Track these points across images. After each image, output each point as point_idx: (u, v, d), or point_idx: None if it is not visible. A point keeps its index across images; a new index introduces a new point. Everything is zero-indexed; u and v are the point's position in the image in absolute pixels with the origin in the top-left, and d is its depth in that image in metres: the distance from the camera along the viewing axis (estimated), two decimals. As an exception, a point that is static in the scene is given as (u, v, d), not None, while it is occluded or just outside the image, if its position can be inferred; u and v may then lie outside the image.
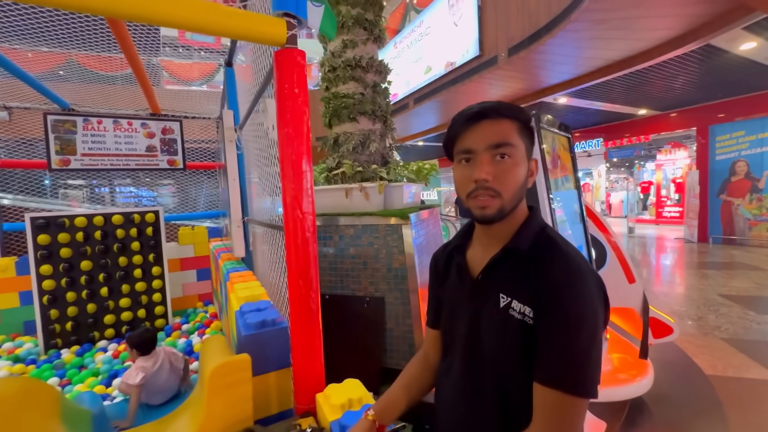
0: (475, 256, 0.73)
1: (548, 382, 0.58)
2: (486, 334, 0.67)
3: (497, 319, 0.65)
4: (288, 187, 1.01)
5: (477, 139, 0.64)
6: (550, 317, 0.59)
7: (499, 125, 0.64)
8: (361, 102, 3.01)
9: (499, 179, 0.63)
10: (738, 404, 2.25)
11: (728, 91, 7.73)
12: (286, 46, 1.00)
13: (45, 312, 2.83)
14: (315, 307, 1.04)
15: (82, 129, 3.40)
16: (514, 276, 0.65)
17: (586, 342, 0.58)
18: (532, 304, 0.61)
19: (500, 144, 0.63)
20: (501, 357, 0.65)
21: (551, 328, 0.59)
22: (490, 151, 0.63)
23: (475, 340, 0.69)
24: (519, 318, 0.62)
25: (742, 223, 7.95)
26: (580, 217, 1.94)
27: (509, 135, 0.64)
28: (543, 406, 0.59)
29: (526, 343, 0.62)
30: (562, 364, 0.58)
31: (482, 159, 0.64)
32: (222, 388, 0.93)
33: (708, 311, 3.91)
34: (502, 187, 0.63)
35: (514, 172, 0.64)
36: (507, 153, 0.63)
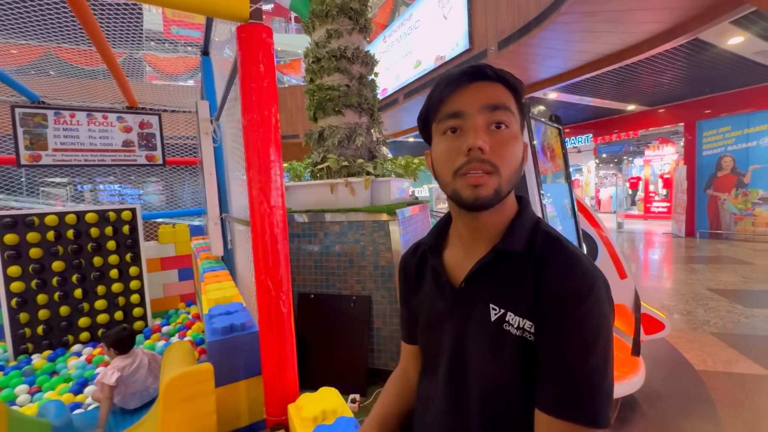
0: (455, 259, 0.60)
1: (556, 412, 0.47)
2: (474, 354, 0.55)
3: (488, 336, 0.53)
4: (254, 179, 0.91)
5: (469, 100, 0.51)
6: (558, 333, 0.48)
7: (496, 88, 0.52)
8: (346, 94, 2.91)
9: (497, 152, 0.50)
10: (729, 400, 2.23)
11: (715, 86, 7.80)
12: (250, 21, 0.90)
13: (14, 316, 2.68)
14: (286, 309, 0.95)
15: (54, 123, 3.23)
16: (507, 282, 0.53)
17: (601, 361, 0.47)
18: (532, 317, 0.50)
19: (497, 106, 0.51)
20: (492, 381, 0.53)
21: (559, 346, 0.48)
22: (484, 115, 0.50)
23: (459, 362, 0.57)
24: (517, 334, 0.51)
25: (728, 218, 8.05)
26: (572, 211, 1.88)
27: (505, 99, 0.52)
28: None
29: (525, 364, 0.50)
30: (572, 390, 0.47)
31: (476, 124, 0.50)
32: (179, 402, 0.83)
33: (697, 305, 3.92)
34: (501, 161, 0.50)
35: (513, 146, 0.51)
36: (505, 121, 0.51)
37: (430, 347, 0.63)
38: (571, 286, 0.48)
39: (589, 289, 0.48)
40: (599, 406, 0.46)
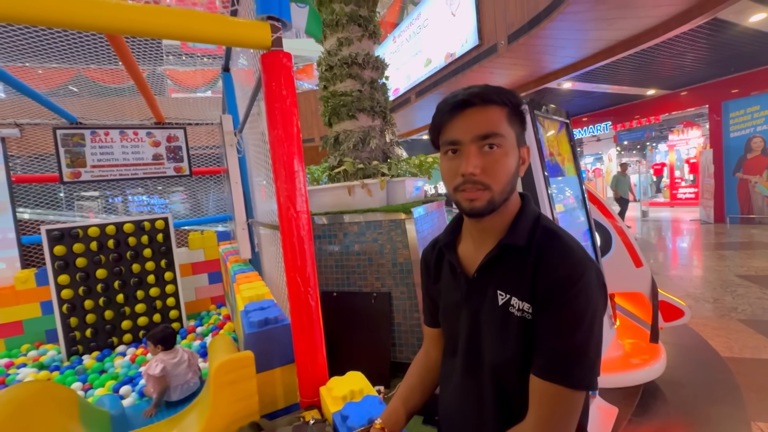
0: (468, 253, 0.69)
1: (547, 377, 0.57)
2: (486, 334, 0.65)
3: (497, 318, 0.63)
4: (281, 188, 1.03)
5: (463, 130, 0.59)
6: (550, 312, 0.57)
7: (486, 113, 0.59)
8: (359, 99, 3.02)
9: (488, 172, 0.59)
10: (756, 386, 2.21)
11: (741, 65, 7.47)
12: (272, 48, 1.02)
13: (65, 320, 2.93)
14: (314, 303, 1.07)
15: (90, 141, 3.49)
16: (511, 272, 0.62)
17: (585, 336, 0.56)
18: (531, 300, 0.59)
19: (488, 134, 0.58)
20: (502, 357, 0.63)
21: (551, 322, 0.57)
22: (477, 143, 0.59)
23: (475, 341, 0.67)
24: (518, 315, 0.60)
25: (760, 201, 7.71)
26: (582, 202, 1.92)
27: (497, 124, 0.59)
28: (540, 399, 0.57)
29: (526, 340, 0.60)
30: (561, 358, 0.56)
31: (469, 151, 0.59)
32: (227, 385, 0.96)
33: (724, 293, 3.83)
34: (492, 179, 0.59)
35: (504, 163, 0.59)
36: (495, 143, 0.59)
37: (450, 330, 0.73)
38: (563, 274, 0.57)
39: (579, 276, 0.56)
40: (582, 373, 0.56)
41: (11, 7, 0.86)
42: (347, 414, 0.89)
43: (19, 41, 2.74)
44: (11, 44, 2.82)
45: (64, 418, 1.05)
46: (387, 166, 2.89)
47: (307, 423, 0.92)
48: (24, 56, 3.21)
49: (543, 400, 0.57)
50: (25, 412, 0.90)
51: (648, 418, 2.03)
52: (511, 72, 6.53)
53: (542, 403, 0.57)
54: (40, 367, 2.78)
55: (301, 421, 0.92)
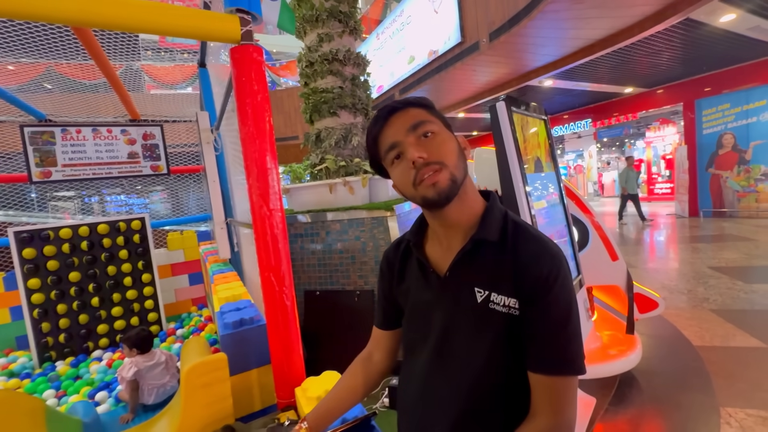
0: (436, 252, 0.68)
1: (552, 371, 0.58)
2: (460, 332, 0.64)
3: (475, 316, 0.62)
4: (253, 185, 1.01)
5: (395, 130, 0.62)
6: (542, 308, 0.58)
7: (408, 111, 0.63)
8: (340, 96, 2.99)
9: (435, 153, 0.60)
10: (724, 373, 2.30)
11: (712, 64, 7.75)
12: (242, 42, 0.99)
13: (36, 326, 2.82)
14: (290, 302, 1.05)
15: (61, 139, 3.35)
16: (487, 267, 0.61)
17: (576, 323, 0.59)
18: (516, 295, 0.59)
19: (417, 123, 0.61)
20: (481, 354, 0.61)
21: (545, 319, 0.58)
22: (412, 133, 0.61)
23: (447, 341, 0.65)
24: (503, 311, 0.60)
25: (731, 196, 8.03)
26: (560, 198, 1.95)
27: (420, 115, 0.62)
28: (550, 393, 0.58)
29: (512, 336, 0.60)
30: (561, 351, 0.58)
31: (409, 142, 0.61)
32: (199, 388, 0.93)
33: (697, 284, 3.97)
34: (442, 156, 0.60)
35: (445, 142, 0.61)
36: (429, 130, 0.61)
37: (417, 331, 0.71)
38: (546, 269, 0.58)
39: (558, 268, 0.58)
40: (580, 358, 0.59)
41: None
42: (322, 414, 0.88)
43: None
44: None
45: (29, 429, 1.01)
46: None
47: (282, 424, 0.90)
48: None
49: (554, 394, 0.58)
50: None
51: (624, 407, 2.10)
52: (493, 69, 6.60)
53: (553, 396, 0.58)
54: (10, 375, 2.67)
55: (276, 423, 0.91)
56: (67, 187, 5.30)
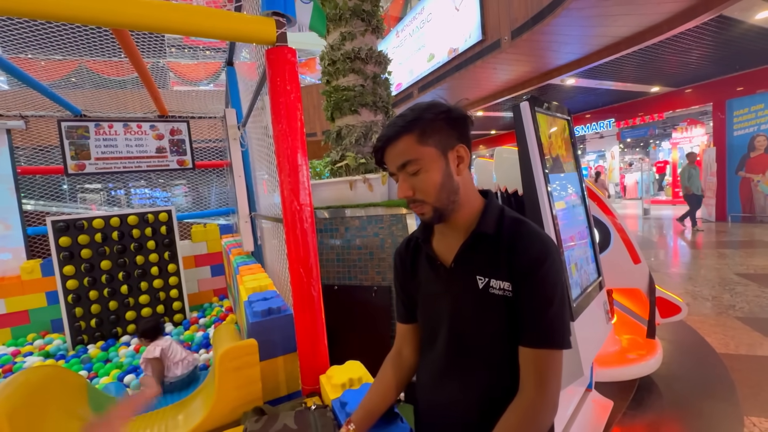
0: (442, 247, 0.77)
1: (537, 344, 0.65)
2: (468, 316, 0.71)
3: (478, 301, 0.70)
4: (285, 181, 1.06)
5: (391, 162, 0.71)
6: (529, 288, 0.66)
7: (397, 146, 0.69)
8: (361, 94, 3.03)
9: (418, 190, 0.69)
10: (750, 382, 2.24)
11: (746, 63, 7.42)
12: (277, 44, 1.03)
13: (70, 310, 2.98)
14: (316, 293, 1.10)
15: (95, 134, 3.51)
16: (486, 257, 0.70)
17: (561, 302, 0.66)
18: (510, 279, 0.67)
19: (404, 164, 0.69)
20: (485, 336, 0.70)
21: (532, 297, 0.66)
22: (400, 172, 0.70)
23: (457, 326, 0.73)
24: (500, 294, 0.67)
25: (762, 200, 7.70)
26: (581, 199, 1.93)
27: (408, 151, 0.68)
28: (535, 365, 0.65)
29: (509, 316, 0.68)
30: (547, 326, 0.65)
31: (399, 179, 0.71)
32: (231, 371, 0.99)
33: (723, 290, 3.85)
34: (423, 195, 0.69)
35: (427, 179, 0.68)
36: (413, 168, 0.68)
37: (430, 319, 0.78)
38: (535, 253, 0.66)
39: (546, 254, 0.66)
40: (563, 334, 0.66)
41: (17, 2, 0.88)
42: (346, 401, 0.92)
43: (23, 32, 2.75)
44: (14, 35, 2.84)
45: (74, 402, 1.09)
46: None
47: (309, 408, 0.95)
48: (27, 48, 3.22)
49: (539, 366, 0.65)
50: (37, 396, 0.94)
51: (642, 411, 2.07)
52: (515, 68, 6.51)
53: (538, 368, 0.65)
54: (46, 356, 2.84)
55: (303, 407, 0.96)
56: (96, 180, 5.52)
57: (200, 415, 0.98)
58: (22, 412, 0.85)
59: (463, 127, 0.71)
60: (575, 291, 1.61)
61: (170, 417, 1.03)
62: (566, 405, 1.83)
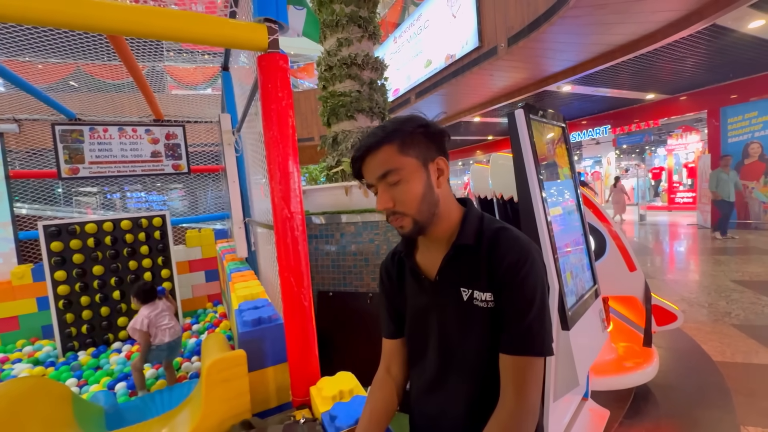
0: (425, 259, 0.76)
1: (517, 351, 0.64)
2: (455, 329, 0.71)
3: (464, 313, 0.69)
4: (276, 188, 1.04)
5: (368, 174, 0.69)
6: (508, 294, 0.65)
7: (377, 156, 0.67)
8: (358, 100, 3.03)
9: (398, 202, 0.68)
10: (746, 390, 2.23)
11: (739, 71, 7.51)
12: (269, 50, 1.03)
13: (61, 316, 2.94)
14: (307, 303, 1.08)
15: (89, 138, 3.49)
16: (468, 269, 0.69)
17: (540, 307, 0.65)
18: (491, 289, 0.67)
19: (384, 174, 0.67)
20: (472, 348, 0.69)
21: (511, 303, 0.65)
22: (380, 182, 0.68)
23: (445, 339, 0.72)
24: (483, 306, 0.67)
25: (757, 207, 7.75)
26: (577, 206, 1.93)
27: (389, 161, 0.67)
28: (515, 373, 0.64)
29: (494, 327, 0.67)
30: (526, 332, 0.64)
31: (378, 190, 0.69)
32: (219, 383, 0.97)
33: (719, 297, 3.85)
34: (403, 207, 0.68)
35: (408, 190, 0.67)
36: (394, 178, 0.67)
37: (418, 333, 0.77)
38: (512, 259, 0.65)
39: (525, 258, 0.65)
40: (543, 341, 0.64)
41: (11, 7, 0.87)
42: (336, 414, 0.90)
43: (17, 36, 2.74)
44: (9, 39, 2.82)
45: (58, 414, 1.06)
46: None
47: (298, 422, 0.93)
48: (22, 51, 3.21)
49: (517, 373, 0.64)
50: (19, 408, 0.91)
51: (639, 420, 2.05)
52: (511, 74, 6.56)
53: (517, 376, 0.64)
54: (36, 363, 2.79)
55: (292, 420, 0.93)
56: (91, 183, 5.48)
57: (186, 428, 0.96)
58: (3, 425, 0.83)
59: (441, 142, 0.71)
60: (571, 299, 1.60)
61: (155, 431, 1.00)
62: (562, 414, 1.81)
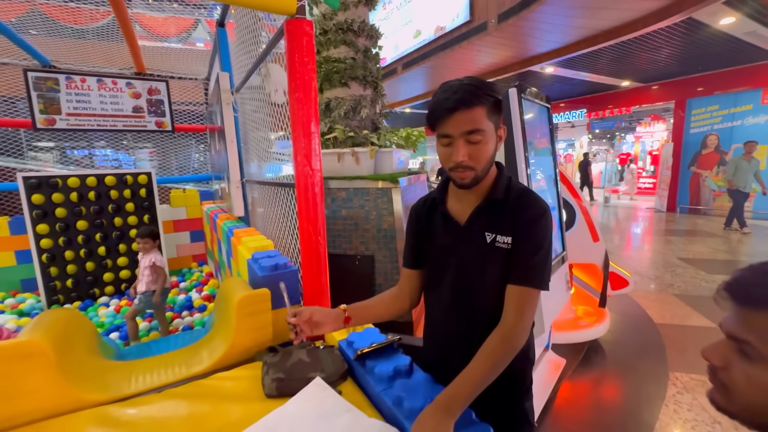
0: (455, 207, 0.89)
1: (523, 282, 0.79)
2: (475, 265, 0.85)
3: (486, 253, 0.84)
4: (299, 147, 1.14)
5: (453, 127, 0.77)
6: (524, 240, 0.80)
7: (471, 114, 0.75)
8: (352, 67, 3.05)
9: (473, 158, 0.78)
10: (678, 346, 2.63)
11: (708, 65, 7.94)
12: (296, 16, 1.09)
13: (45, 270, 2.92)
14: (323, 250, 1.22)
15: (66, 87, 3.32)
16: (494, 218, 0.83)
17: (546, 252, 0.81)
18: (512, 233, 0.82)
19: (472, 131, 0.76)
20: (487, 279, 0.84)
21: (525, 245, 0.80)
22: (464, 137, 0.77)
23: (463, 271, 0.87)
24: (504, 247, 0.82)
25: (707, 194, 8.46)
26: (554, 182, 2.14)
27: (479, 121, 0.76)
28: (517, 300, 0.79)
29: (507, 263, 0.82)
30: (532, 269, 0.79)
31: (459, 144, 0.77)
32: (247, 315, 1.11)
33: (665, 272, 4.33)
34: (476, 163, 0.79)
35: (485, 150, 0.79)
36: (478, 138, 0.77)
37: (441, 266, 0.91)
38: (532, 213, 0.81)
39: (542, 214, 0.82)
40: (543, 277, 0.81)
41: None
42: (352, 340, 1.07)
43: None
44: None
45: (90, 343, 1.17)
46: (376, 135, 2.99)
47: (318, 348, 1.09)
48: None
49: (520, 300, 0.79)
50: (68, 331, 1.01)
51: (589, 368, 2.40)
52: (498, 52, 6.63)
53: (519, 302, 0.79)
54: (20, 314, 2.79)
55: (312, 347, 1.09)
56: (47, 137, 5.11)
57: (219, 352, 1.10)
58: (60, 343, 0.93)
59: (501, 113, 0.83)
60: (543, 262, 1.83)
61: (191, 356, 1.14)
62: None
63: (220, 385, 0.99)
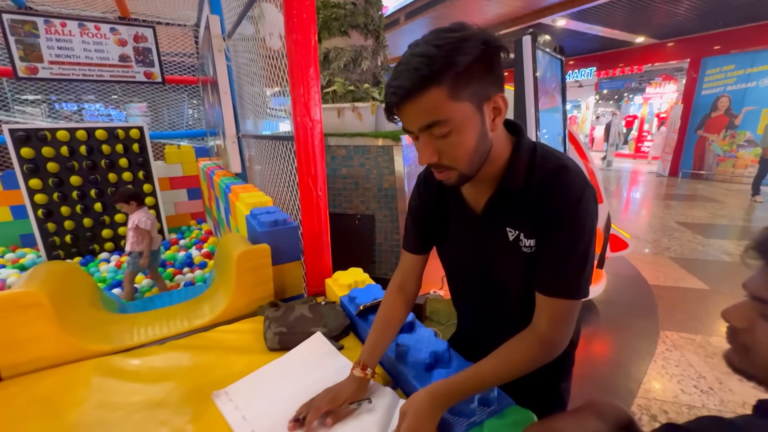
0: (470, 194, 0.71)
1: (551, 293, 0.61)
2: (498, 262, 0.70)
3: (508, 251, 0.67)
4: (297, 96, 1.06)
5: (408, 121, 0.57)
6: (554, 241, 0.61)
7: (421, 102, 0.53)
8: (352, 13, 2.84)
9: (446, 155, 0.58)
10: (669, 306, 2.70)
11: (728, 20, 7.49)
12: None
13: (42, 225, 2.90)
14: (323, 204, 1.18)
15: (45, 32, 3.10)
16: (515, 210, 0.64)
17: (584, 254, 0.60)
18: (535, 235, 0.63)
19: (430, 124, 0.55)
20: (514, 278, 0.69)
21: (553, 249, 0.61)
22: (425, 132, 0.57)
23: (487, 268, 0.73)
24: (526, 251, 0.65)
25: (711, 159, 8.33)
26: (563, 141, 2.06)
27: (436, 110, 0.54)
28: (549, 311, 0.62)
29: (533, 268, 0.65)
30: (563, 277, 0.61)
31: (422, 142, 0.58)
32: (248, 270, 1.09)
33: (663, 235, 4.36)
34: (452, 161, 0.58)
35: (459, 143, 0.57)
36: (443, 130, 0.55)
37: (461, 256, 0.78)
38: (562, 206, 0.59)
39: (576, 202, 0.58)
40: (580, 286, 0.61)
41: None
42: (354, 296, 1.06)
43: None
44: None
45: (89, 296, 1.17)
46: (378, 90, 2.85)
47: (319, 303, 1.09)
48: None
49: (553, 312, 0.62)
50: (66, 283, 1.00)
51: (583, 326, 2.46)
52: (507, 1, 6.19)
53: (552, 313, 0.62)
54: (22, 268, 2.81)
55: (314, 302, 1.09)
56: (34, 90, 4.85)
57: (221, 306, 1.10)
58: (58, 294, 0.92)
59: (500, 66, 0.57)
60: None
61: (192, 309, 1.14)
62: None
63: (223, 337, 1.00)
